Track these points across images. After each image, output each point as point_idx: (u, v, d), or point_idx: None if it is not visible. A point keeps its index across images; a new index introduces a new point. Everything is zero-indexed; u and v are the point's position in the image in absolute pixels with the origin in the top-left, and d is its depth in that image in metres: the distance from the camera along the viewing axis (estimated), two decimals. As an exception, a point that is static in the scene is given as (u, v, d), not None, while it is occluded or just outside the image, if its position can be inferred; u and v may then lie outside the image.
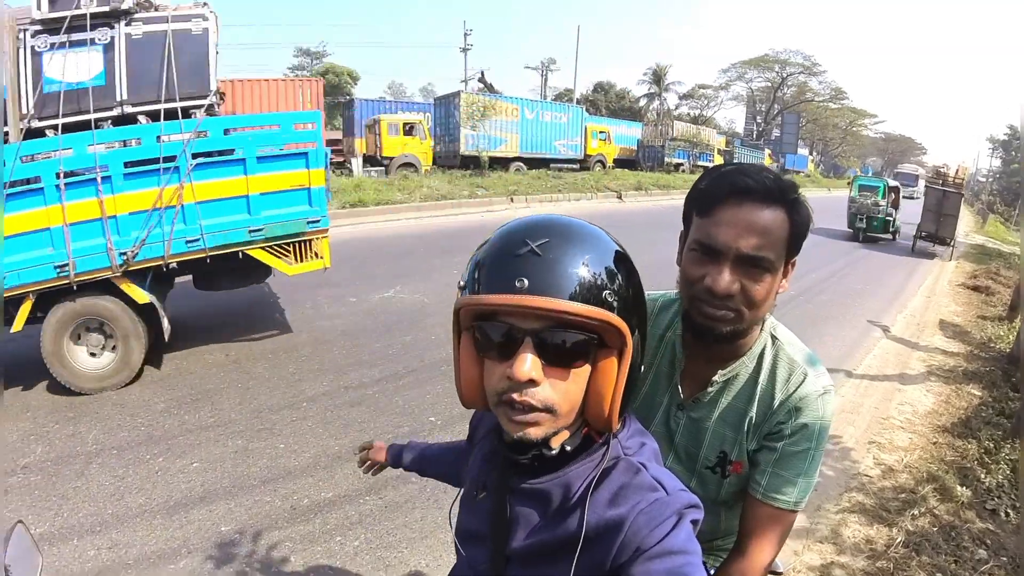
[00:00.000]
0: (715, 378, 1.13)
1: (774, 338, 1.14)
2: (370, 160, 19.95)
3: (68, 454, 3.59)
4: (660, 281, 1.17)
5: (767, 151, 38.03)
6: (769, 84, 48.83)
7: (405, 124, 20.08)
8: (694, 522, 0.73)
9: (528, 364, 0.69)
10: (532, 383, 0.70)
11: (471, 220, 13.15)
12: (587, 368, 0.74)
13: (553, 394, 0.71)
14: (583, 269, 0.70)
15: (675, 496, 0.74)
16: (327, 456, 3.60)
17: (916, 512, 3.09)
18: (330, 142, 21.49)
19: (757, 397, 1.11)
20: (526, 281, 0.68)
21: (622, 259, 0.77)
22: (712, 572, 1.19)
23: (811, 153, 51.67)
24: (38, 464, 3.49)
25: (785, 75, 47.29)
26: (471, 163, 19.99)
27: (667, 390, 1.20)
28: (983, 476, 3.48)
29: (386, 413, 4.10)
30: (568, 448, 0.77)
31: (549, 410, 0.72)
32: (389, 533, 2.92)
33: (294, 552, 2.79)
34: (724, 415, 1.14)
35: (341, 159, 21.53)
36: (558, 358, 0.71)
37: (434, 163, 20.92)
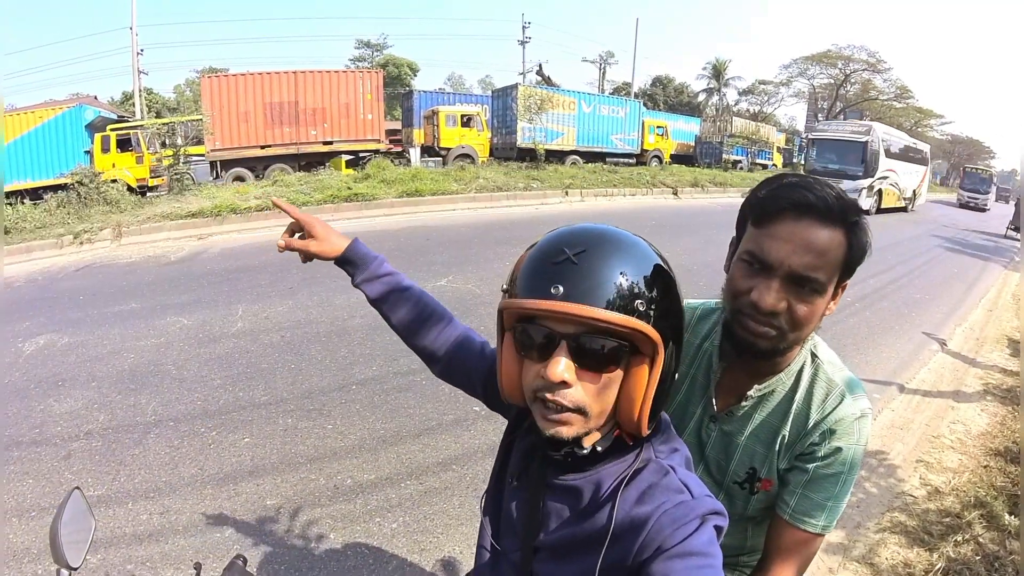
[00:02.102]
0: (750, 393, 1.09)
1: (814, 356, 1.09)
2: (428, 151, 20.20)
3: (128, 423, 3.76)
4: (715, 283, 1.12)
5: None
6: (831, 81, 46.61)
7: (463, 116, 20.23)
8: (717, 528, 0.74)
9: (561, 366, 0.72)
10: (564, 384, 0.72)
11: (525, 212, 13.12)
12: (619, 373, 0.75)
13: (584, 396, 0.74)
14: (618, 278, 0.72)
15: (700, 500, 0.75)
16: (372, 439, 3.65)
17: (960, 538, 2.88)
18: (389, 132, 21.93)
19: (792, 416, 1.07)
20: (561, 288, 0.71)
21: (660, 270, 0.77)
22: None
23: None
24: (100, 431, 3.67)
25: (848, 72, 44.98)
26: (527, 155, 19.93)
27: (701, 401, 1.17)
28: (1021, 502, 3.22)
29: (432, 400, 4.12)
30: (599, 448, 0.80)
31: (580, 411, 0.74)
32: (427, 518, 2.93)
33: (334, 530, 2.83)
34: (757, 431, 1.11)
35: (399, 149, 21.91)
36: (590, 362, 0.73)
37: (491, 155, 21.00)
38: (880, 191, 20.00)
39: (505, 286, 0.81)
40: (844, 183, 17.42)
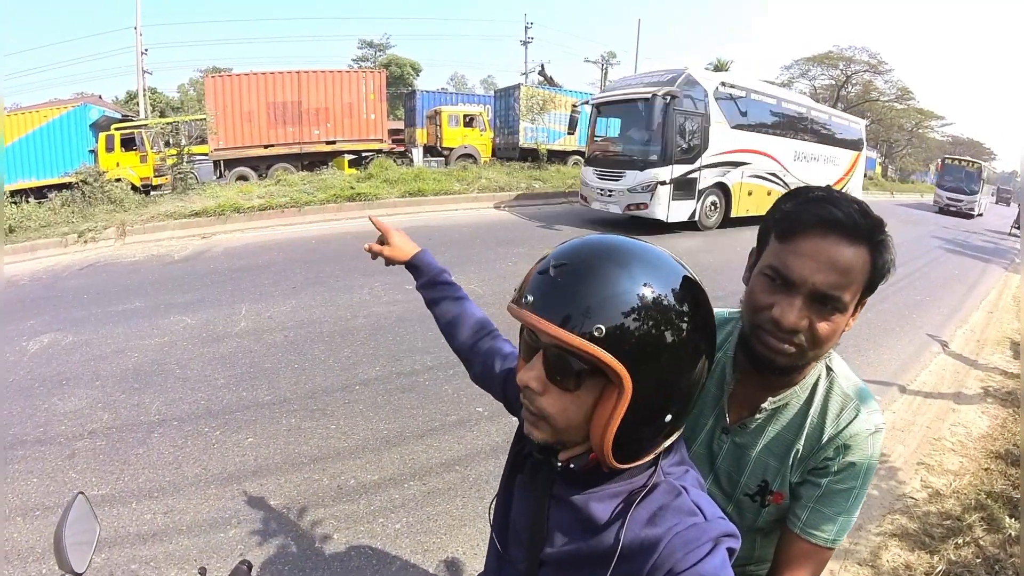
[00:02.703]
0: (764, 405, 1.07)
1: (829, 369, 1.08)
2: (430, 150, 20.25)
3: (132, 423, 3.77)
4: (716, 285, 1.12)
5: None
6: (833, 82, 46.40)
7: (465, 116, 20.28)
8: (730, 551, 0.73)
9: (531, 372, 0.75)
10: (530, 389, 0.75)
11: (528, 212, 13.12)
12: (589, 394, 0.74)
13: (549, 406, 0.74)
14: (587, 299, 0.69)
15: (713, 523, 0.74)
16: (376, 439, 3.65)
17: (960, 541, 2.88)
18: (392, 132, 21.96)
19: (806, 429, 1.06)
20: (531, 298, 0.73)
21: (665, 295, 0.71)
22: None
23: (879, 155, 49.13)
24: (104, 431, 3.68)
25: (850, 73, 44.88)
26: (529, 156, 19.96)
27: (713, 412, 1.15)
28: (1021, 504, 3.21)
29: (435, 401, 4.12)
30: (572, 467, 0.79)
31: (544, 419, 0.75)
32: (430, 519, 2.94)
33: (337, 530, 2.84)
34: (770, 444, 1.09)
35: (402, 149, 21.93)
36: (558, 377, 0.74)
37: (493, 155, 21.04)
38: (724, 187, 11.92)
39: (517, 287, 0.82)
40: (625, 175, 11.09)
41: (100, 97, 23.89)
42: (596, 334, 0.68)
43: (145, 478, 3.21)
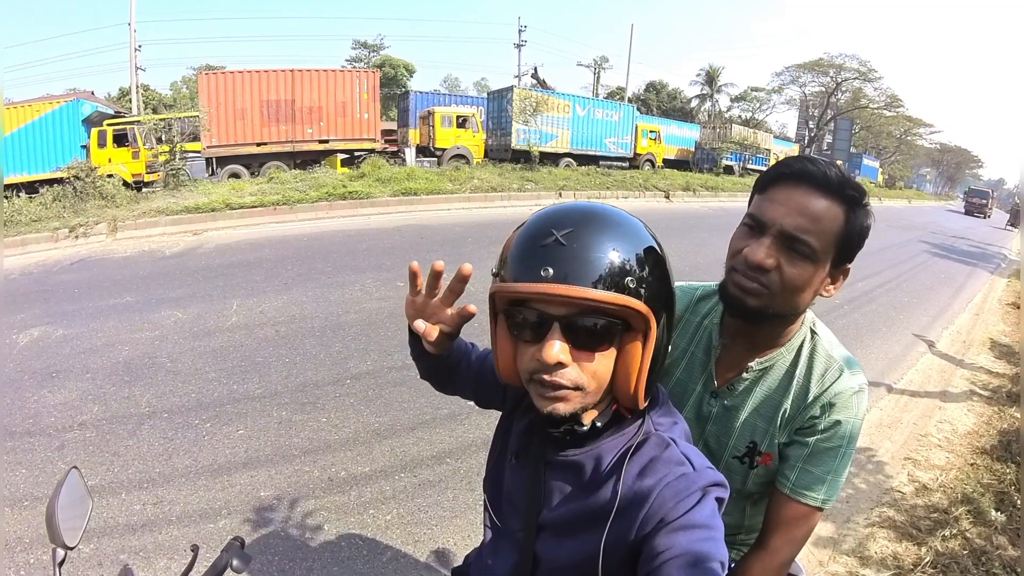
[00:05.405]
0: (751, 365, 1.11)
1: (813, 333, 1.12)
2: (423, 151, 20.22)
3: (122, 415, 3.77)
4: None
5: (840, 161, 36.50)
6: (823, 89, 46.87)
7: (458, 117, 20.26)
8: (719, 500, 0.74)
9: (556, 348, 0.73)
10: (560, 365, 0.73)
11: (520, 213, 13.13)
12: (613, 350, 0.76)
13: (581, 374, 0.75)
14: (606, 257, 0.72)
15: (701, 472, 0.75)
16: (367, 432, 3.67)
17: (947, 533, 2.94)
18: (385, 132, 21.94)
19: (793, 389, 1.09)
20: (551, 270, 0.71)
21: (648, 245, 0.77)
22: (732, 566, 1.17)
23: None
24: (94, 422, 3.67)
25: (840, 80, 45.22)
26: (522, 157, 19.96)
27: (701, 376, 1.18)
28: (1020, 502, 3.28)
29: (427, 394, 4.13)
30: (599, 424, 0.81)
31: (577, 388, 0.75)
32: (420, 510, 2.95)
33: (328, 521, 2.85)
34: (758, 406, 1.12)
35: (395, 149, 21.91)
36: (584, 342, 0.74)
37: (485, 156, 21.01)
38: None
39: (495, 270, 0.82)
40: None
41: (92, 93, 23.74)
42: (632, 285, 0.72)
43: (135, 469, 3.21)
